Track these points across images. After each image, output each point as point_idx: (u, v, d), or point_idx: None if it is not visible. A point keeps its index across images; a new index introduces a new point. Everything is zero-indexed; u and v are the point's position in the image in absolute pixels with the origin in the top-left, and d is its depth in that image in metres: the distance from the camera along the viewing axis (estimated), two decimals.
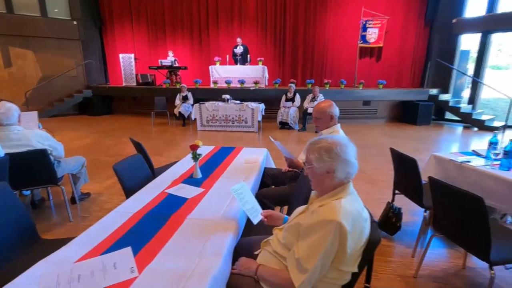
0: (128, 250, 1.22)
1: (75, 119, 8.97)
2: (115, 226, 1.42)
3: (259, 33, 9.55)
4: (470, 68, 8.68)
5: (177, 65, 9.04)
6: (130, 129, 7.48)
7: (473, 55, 8.53)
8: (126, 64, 9.24)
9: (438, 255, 2.35)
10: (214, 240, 1.32)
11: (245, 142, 6.08)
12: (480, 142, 6.38)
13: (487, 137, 2.45)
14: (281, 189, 2.26)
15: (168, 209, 1.60)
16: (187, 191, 1.82)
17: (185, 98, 7.77)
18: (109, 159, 4.81)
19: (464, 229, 1.70)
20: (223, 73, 8.60)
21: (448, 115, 8.65)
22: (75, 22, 9.25)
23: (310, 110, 6.93)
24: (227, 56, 8.71)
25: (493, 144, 2.47)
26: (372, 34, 8.84)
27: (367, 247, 1.16)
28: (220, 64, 8.74)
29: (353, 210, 1.11)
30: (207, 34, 9.77)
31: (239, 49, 8.63)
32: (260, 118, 7.06)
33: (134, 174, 2.16)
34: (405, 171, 2.40)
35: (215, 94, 7.83)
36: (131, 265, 1.13)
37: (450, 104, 8.12)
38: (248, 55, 8.63)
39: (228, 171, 2.22)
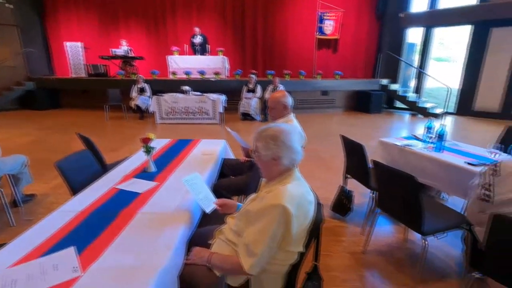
0: (70, 250, 1.16)
1: (15, 114, 8.10)
2: (57, 226, 1.34)
3: (218, 23, 9.37)
4: (416, 59, 9.40)
5: (132, 54, 8.54)
6: (81, 124, 6.97)
7: (419, 47, 9.24)
8: (74, 54, 8.51)
9: (384, 231, 2.57)
10: (166, 233, 1.31)
11: (206, 134, 6.01)
12: (423, 128, 7.02)
13: (437, 122, 2.71)
14: (239, 179, 2.29)
15: (118, 205, 1.54)
16: (139, 186, 1.76)
17: (142, 90, 7.41)
18: (57, 157, 4.44)
19: (402, 206, 1.88)
20: (182, 63, 8.32)
21: (397, 104, 9.34)
22: (9, 5, 8.23)
23: None
24: (186, 46, 8.44)
25: (428, 129, 2.74)
26: (329, 26, 9.15)
27: (312, 227, 1.23)
28: (179, 54, 8.44)
29: (298, 194, 1.17)
30: (163, 22, 9.34)
31: (197, 39, 8.40)
32: (221, 110, 7.00)
33: (82, 172, 2.04)
34: (355, 156, 2.57)
35: (174, 86, 7.57)
36: (74, 264, 1.08)
37: (399, 93, 8.77)
38: (208, 45, 8.44)
39: (184, 164, 2.19)
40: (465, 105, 8.27)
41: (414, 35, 9.29)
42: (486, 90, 7.88)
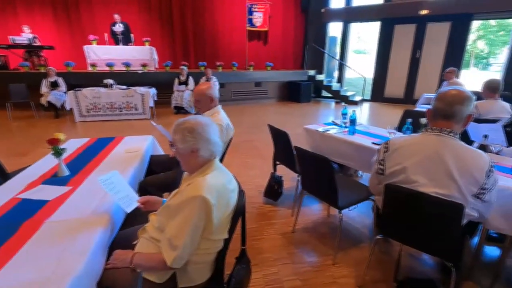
0: None
1: None
2: None
3: (141, 11, 8.71)
4: (339, 52, 10.30)
5: (37, 43, 7.39)
6: None
7: (339, 40, 10.13)
8: None
9: (310, 210, 2.82)
10: (79, 240, 1.20)
11: (136, 131, 5.63)
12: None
13: (350, 109, 3.01)
14: (167, 175, 2.23)
15: (20, 216, 1.35)
16: (48, 193, 1.57)
17: (54, 85, 6.50)
18: None
19: (321, 185, 2.09)
20: (102, 54, 7.54)
21: (324, 93, 10.15)
22: None
23: None
24: (106, 35, 7.66)
25: (344, 115, 3.06)
26: (258, 18, 9.33)
27: (235, 214, 1.28)
28: (98, 44, 7.62)
29: (218, 183, 1.20)
30: (75, 7, 8.26)
31: (118, 27, 7.70)
32: (152, 104, 6.61)
33: None
34: (281, 144, 2.72)
35: (95, 79, 6.84)
36: None
37: (324, 83, 9.53)
38: (131, 35, 7.82)
39: (103, 164, 2.02)
40: (378, 92, 9.44)
41: (335, 29, 10.14)
42: (393, 80, 9.11)
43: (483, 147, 1.98)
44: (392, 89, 9.16)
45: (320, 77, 9.69)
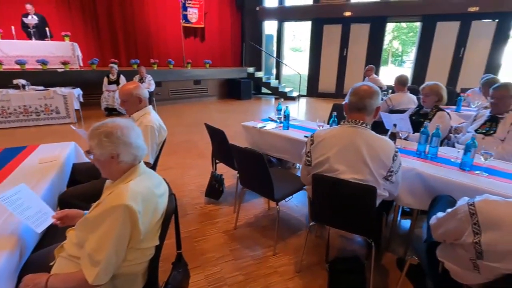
0: None
1: None
2: None
3: (58, 1, 7.72)
4: (276, 49, 10.61)
5: None
6: None
7: (276, 38, 10.45)
8: None
9: (251, 205, 2.88)
10: None
11: (60, 137, 5.00)
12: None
13: (289, 104, 3.13)
14: (92, 184, 2.03)
15: None
16: None
17: None
18: None
19: (256, 179, 2.15)
20: (10, 50, 6.49)
21: (264, 90, 10.43)
22: None
23: None
24: (13, 27, 6.59)
25: (278, 110, 3.19)
26: (193, 14, 9.09)
27: (165, 219, 1.24)
28: (2, 38, 6.54)
29: (143, 189, 1.14)
30: None
31: (31, 19, 6.71)
32: (77, 106, 5.95)
33: None
34: (218, 142, 2.72)
35: (2, 79, 5.86)
36: None
37: (263, 80, 9.79)
38: (47, 28, 6.89)
39: (10, 178, 1.75)
40: (312, 88, 10.07)
41: (271, 27, 10.44)
42: (325, 76, 9.82)
43: (393, 134, 2.26)
44: (325, 84, 9.87)
45: (259, 74, 9.92)
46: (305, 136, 2.66)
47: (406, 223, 2.57)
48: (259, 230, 2.48)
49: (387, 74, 18.80)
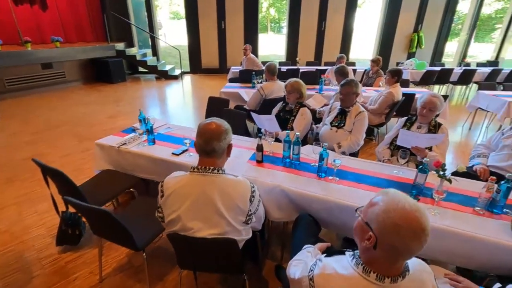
0: None
1: None
2: None
3: None
4: (148, 19, 9.18)
5: None
6: None
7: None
8: None
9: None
10: None
11: None
12: (170, 91, 7.41)
13: (174, 85, 2.63)
14: None
15: None
16: None
17: None
18: None
19: (110, 230, 1.76)
20: None
21: (142, 68, 9.19)
22: None
23: None
24: None
25: (142, 120, 2.72)
26: None
27: None
28: None
29: None
30: None
31: None
32: None
33: None
34: (60, 183, 2.11)
35: None
36: None
37: (138, 58, 8.52)
38: None
39: None
40: (195, 64, 9.50)
41: None
42: (207, 50, 9.34)
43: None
44: (207, 59, 9.43)
45: (132, 51, 8.61)
46: (173, 153, 2.35)
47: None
48: (131, 274, 2.13)
49: (267, 42, 19.62)
